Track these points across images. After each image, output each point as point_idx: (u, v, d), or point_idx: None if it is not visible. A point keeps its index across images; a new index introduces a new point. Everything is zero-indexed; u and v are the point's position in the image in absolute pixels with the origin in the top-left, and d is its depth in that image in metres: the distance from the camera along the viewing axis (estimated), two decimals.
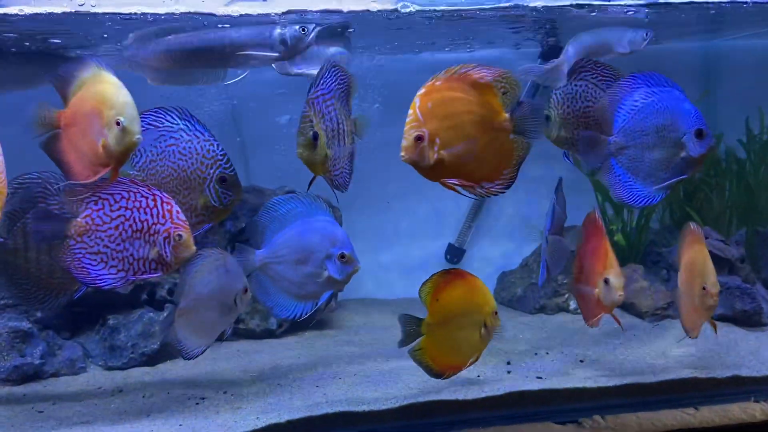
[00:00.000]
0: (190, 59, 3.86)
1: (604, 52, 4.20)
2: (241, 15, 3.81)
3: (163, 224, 3.08)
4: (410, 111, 2.95)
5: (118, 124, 3.01)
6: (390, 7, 4.16)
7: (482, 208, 5.81)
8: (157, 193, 3.12)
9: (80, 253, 3.12)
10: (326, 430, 3.35)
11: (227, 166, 3.39)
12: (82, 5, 3.67)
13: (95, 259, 3.12)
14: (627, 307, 4.97)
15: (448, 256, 5.83)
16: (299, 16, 3.93)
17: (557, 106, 3.68)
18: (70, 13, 3.72)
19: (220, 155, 3.39)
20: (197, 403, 3.66)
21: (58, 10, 3.69)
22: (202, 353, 3.44)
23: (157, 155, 3.38)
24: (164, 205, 3.10)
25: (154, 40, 3.87)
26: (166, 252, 3.09)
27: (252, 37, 3.81)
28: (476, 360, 3.50)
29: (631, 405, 3.58)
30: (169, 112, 3.38)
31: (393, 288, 5.71)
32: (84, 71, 3.20)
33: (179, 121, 3.37)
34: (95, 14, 3.75)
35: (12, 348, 4.06)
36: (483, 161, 3.06)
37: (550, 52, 5.51)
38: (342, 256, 3.37)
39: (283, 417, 3.35)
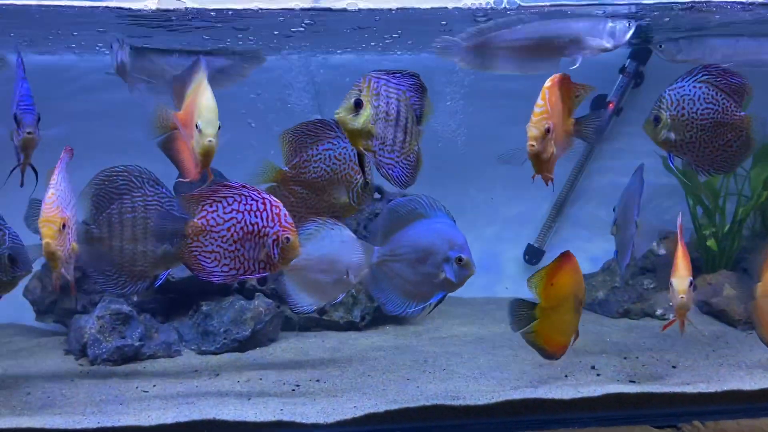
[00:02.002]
0: (530, 48, 4.01)
1: None
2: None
3: (272, 227, 3.26)
4: (540, 102, 3.05)
5: (197, 126, 3.20)
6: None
7: (563, 208, 5.77)
8: (267, 197, 3.30)
9: (196, 251, 3.30)
10: (423, 422, 3.39)
11: (369, 172, 3.64)
12: None
13: (209, 257, 3.32)
14: (718, 314, 4.87)
15: (527, 257, 5.80)
16: None
17: (670, 106, 3.57)
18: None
19: (366, 163, 3.59)
20: (293, 390, 3.75)
21: None
22: (311, 311, 3.69)
23: (311, 156, 3.66)
24: (273, 208, 3.27)
25: (493, 30, 4.04)
26: (274, 253, 3.27)
27: (587, 28, 3.93)
28: (577, 338, 3.64)
29: (729, 412, 3.53)
30: (329, 123, 3.68)
31: (470, 286, 5.66)
32: (199, 74, 3.37)
33: (337, 130, 3.65)
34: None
35: (113, 330, 4.23)
36: (555, 159, 3.30)
37: (640, 54, 5.45)
38: (459, 259, 3.41)
39: (381, 407, 3.41)
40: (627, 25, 3.89)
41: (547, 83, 3.13)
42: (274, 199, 3.30)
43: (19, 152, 3.46)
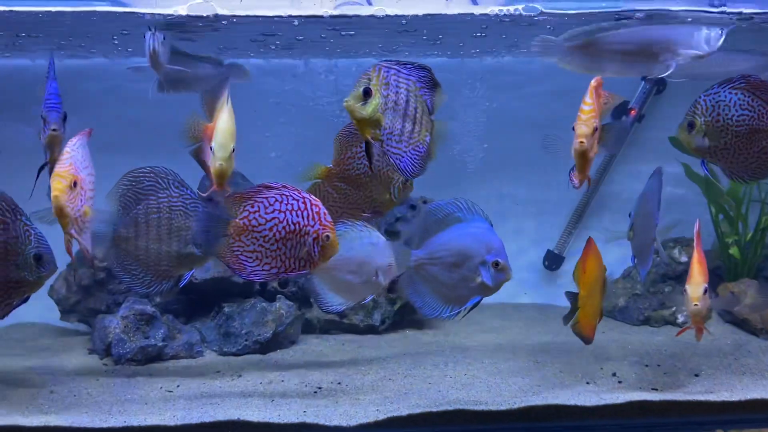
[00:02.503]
0: (630, 52, 4.04)
1: None
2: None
3: (313, 226, 3.31)
4: (588, 100, 3.13)
5: (211, 148, 3.32)
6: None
7: (584, 214, 5.75)
8: (307, 196, 3.36)
9: (238, 250, 3.36)
10: (445, 426, 3.40)
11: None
12: None
13: (251, 257, 3.37)
14: (740, 323, 4.85)
15: (546, 263, 5.79)
16: None
17: (705, 112, 3.55)
18: None
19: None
20: (315, 392, 3.77)
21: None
22: (340, 311, 3.75)
23: (356, 153, 3.71)
24: (313, 207, 3.33)
25: (597, 33, 4.07)
26: (314, 251, 3.32)
27: (684, 35, 3.96)
28: (602, 318, 3.75)
29: (753, 421, 3.52)
30: None
31: None
32: (225, 93, 3.45)
33: None
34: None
35: (137, 330, 4.28)
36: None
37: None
38: (496, 263, 3.42)
39: (403, 411, 3.42)
40: (720, 32, 3.85)
41: (593, 83, 3.18)
42: (314, 198, 3.36)
43: (45, 151, 3.49)
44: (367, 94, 3.07)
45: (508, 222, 5.80)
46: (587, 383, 3.86)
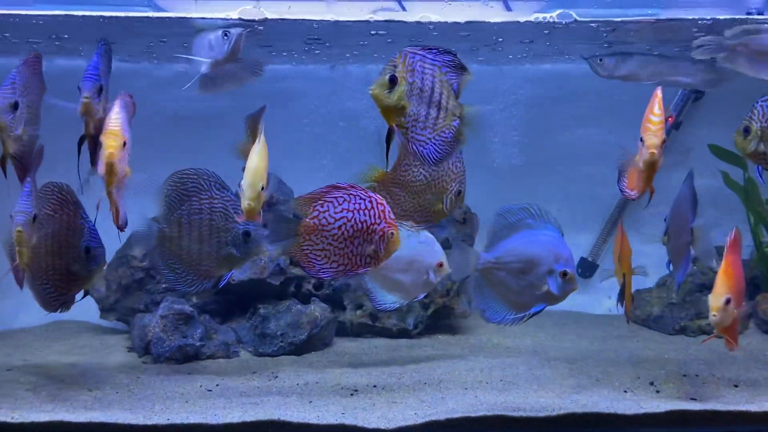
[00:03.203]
0: None
1: None
2: None
3: (379, 224, 3.38)
4: (658, 111, 3.14)
5: (240, 187, 3.35)
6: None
7: (618, 222, 5.71)
8: (372, 195, 3.41)
9: (308, 249, 3.42)
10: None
11: (464, 181, 3.75)
12: None
13: (320, 255, 3.44)
14: None
15: (580, 270, 5.76)
16: None
17: (761, 118, 3.48)
18: None
19: (462, 173, 3.75)
20: (351, 395, 3.79)
21: None
22: (393, 309, 3.91)
23: (413, 161, 3.74)
24: (379, 206, 3.40)
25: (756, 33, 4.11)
26: (380, 248, 3.39)
27: None
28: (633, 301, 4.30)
29: None
30: None
31: None
32: (260, 127, 3.51)
33: None
34: None
35: (176, 329, 4.34)
36: None
37: None
38: (564, 273, 3.42)
39: (442, 415, 3.42)
40: None
41: (659, 93, 3.18)
42: (379, 197, 3.42)
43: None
44: (392, 81, 3.07)
45: None
46: (625, 392, 3.83)
